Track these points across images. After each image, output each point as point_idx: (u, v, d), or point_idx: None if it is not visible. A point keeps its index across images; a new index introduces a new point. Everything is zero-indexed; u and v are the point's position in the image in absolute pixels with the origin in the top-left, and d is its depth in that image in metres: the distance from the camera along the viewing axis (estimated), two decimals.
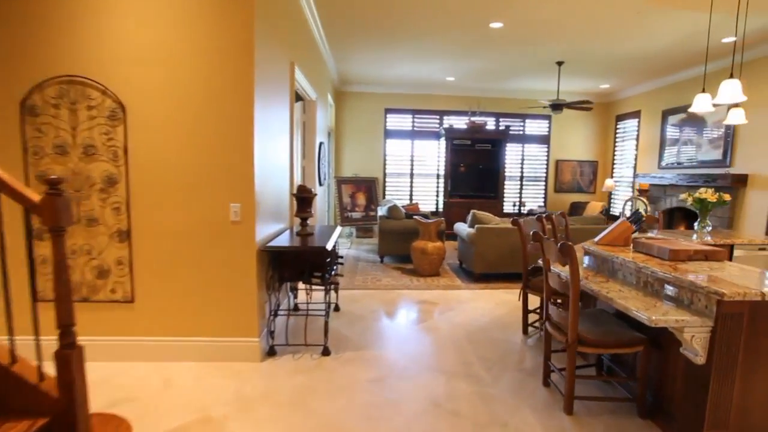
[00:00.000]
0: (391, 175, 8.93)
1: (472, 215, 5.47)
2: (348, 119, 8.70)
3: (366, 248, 7.50)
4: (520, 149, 8.95)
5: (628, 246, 3.08)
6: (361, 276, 5.51)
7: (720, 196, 3.95)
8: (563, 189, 8.96)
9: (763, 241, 3.69)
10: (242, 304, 2.92)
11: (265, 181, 3.10)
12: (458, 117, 8.78)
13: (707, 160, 6.24)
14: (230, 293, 2.90)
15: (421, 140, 8.85)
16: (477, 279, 5.35)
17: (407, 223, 6.16)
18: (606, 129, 8.88)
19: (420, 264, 5.55)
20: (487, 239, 5.22)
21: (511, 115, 8.80)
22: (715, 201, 3.95)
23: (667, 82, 7.07)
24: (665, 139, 7.11)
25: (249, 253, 2.88)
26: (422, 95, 8.70)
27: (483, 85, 8.15)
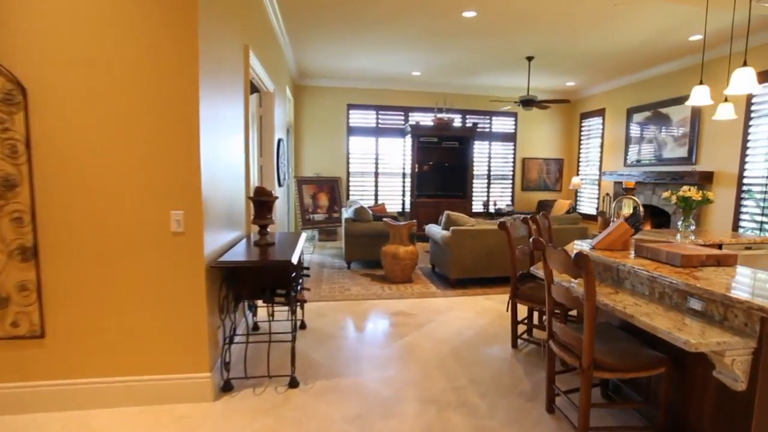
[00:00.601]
0: (354, 174, 8.47)
1: (446, 216, 5.12)
2: (308, 115, 8.17)
3: (331, 252, 7.02)
4: (487, 147, 8.75)
5: (627, 250, 2.80)
6: (327, 285, 5.03)
7: (704, 194, 3.80)
8: (530, 187, 8.84)
9: (750, 240, 3.55)
10: (188, 333, 2.39)
11: (214, 183, 2.58)
12: (424, 114, 8.46)
13: (673, 157, 6.23)
14: (172, 320, 2.36)
15: (386, 137, 8.46)
16: (453, 285, 5.01)
17: (375, 226, 5.74)
18: (571, 127, 8.84)
19: (391, 270, 5.14)
20: (463, 242, 4.88)
21: (478, 113, 8.57)
22: (700, 199, 3.79)
23: (632, 81, 7.05)
24: (630, 137, 7.09)
25: (196, 270, 2.35)
26: (387, 91, 8.31)
27: (450, 80, 7.86)
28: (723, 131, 5.52)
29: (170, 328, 2.37)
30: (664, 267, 2.26)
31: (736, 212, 5.34)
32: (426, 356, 3.13)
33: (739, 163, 5.30)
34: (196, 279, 2.36)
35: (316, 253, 6.96)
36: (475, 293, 4.78)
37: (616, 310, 2.06)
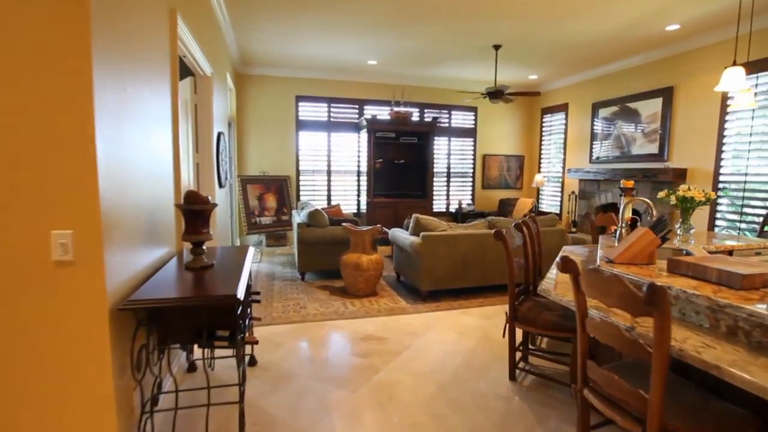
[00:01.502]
0: (305, 172, 7.73)
1: (415, 221, 4.56)
2: (253, 107, 7.31)
3: (280, 260, 6.26)
4: (446, 143, 8.32)
5: (653, 264, 2.37)
6: (279, 302, 4.31)
7: (707, 194, 3.51)
8: (491, 185, 8.53)
9: (760, 245, 3.28)
10: (86, 405, 1.64)
11: (124, 188, 1.83)
12: (380, 107, 7.87)
13: (643, 154, 6.08)
14: (59, 388, 1.61)
15: (340, 132, 7.78)
16: (424, 298, 4.46)
17: (333, 232, 5.07)
18: (531, 122, 8.62)
19: (353, 282, 4.51)
20: (435, 249, 4.35)
21: (437, 106, 8.12)
22: (703, 200, 3.49)
23: (598, 74, 6.87)
24: (596, 133, 6.91)
25: (94, 314, 1.61)
26: (340, 82, 7.63)
27: (408, 71, 7.32)
28: (696, 127, 5.39)
29: (55, 399, 1.61)
30: (722, 290, 1.81)
31: (711, 211, 5.23)
32: (409, 399, 2.54)
33: (714, 160, 5.18)
34: (95, 327, 1.62)
35: (264, 262, 6.18)
36: (450, 307, 4.26)
37: (686, 355, 1.57)
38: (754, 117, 4.82)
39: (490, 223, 4.70)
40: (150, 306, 1.70)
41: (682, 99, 5.57)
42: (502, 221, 4.71)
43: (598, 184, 6.71)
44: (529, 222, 3.27)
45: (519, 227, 3.06)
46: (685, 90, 5.54)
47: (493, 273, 4.60)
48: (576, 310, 1.90)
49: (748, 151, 4.88)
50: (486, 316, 4.01)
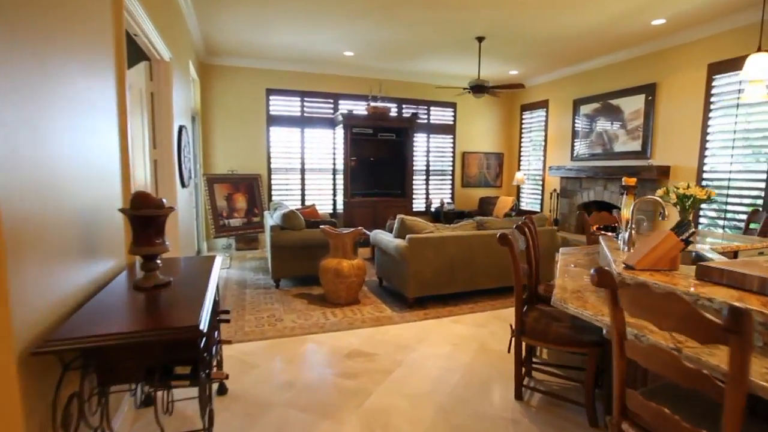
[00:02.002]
0: (277, 171, 7.26)
1: (400, 222, 4.22)
2: (219, 101, 6.79)
3: (252, 265, 5.79)
4: (425, 140, 8.02)
5: (676, 269, 2.11)
6: (252, 314, 3.88)
7: (708, 191, 3.31)
8: (470, 183, 8.29)
9: (764, 245, 3.11)
10: None
11: (39, 192, 1.40)
12: (357, 102, 7.48)
13: (625, 151, 5.94)
14: None
15: (314, 128, 7.35)
16: (411, 305, 4.12)
17: (310, 235, 4.67)
18: (511, 119, 8.43)
19: (334, 290, 4.13)
20: (423, 253, 4.02)
21: (415, 102, 7.80)
22: (704, 197, 3.30)
23: (579, 70, 6.71)
24: (577, 130, 6.76)
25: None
26: (314, 74, 7.19)
27: (386, 64, 6.97)
28: (680, 124, 5.28)
29: None
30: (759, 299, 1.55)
31: (695, 211, 5.11)
32: (407, 429, 2.20)
33: (698, 157, 5.07)
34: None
35: (234, 267, 5.70)
36: (439, 315, 3.94)
37: (755, 386, 1.28)
38: (738, 114, 4.73)
39: (479, 224, 4.41)
40: (79, 346, 1.28)
41: (665, 95, 5.45)
42: (491, 221, 4.43)
43: (580, 182, 6.56)
44: (529, 223, 2.98)
45: (521, 229, 2.76)
46: (668, 86, 5.42)
47: (482, 277, 4.32)
48: (612, 330, 1.59)
49: (732, 148, 4.78)
50: (479, 324, 3.71)
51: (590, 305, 2.08)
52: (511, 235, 2.47)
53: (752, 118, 4.62)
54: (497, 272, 4.37)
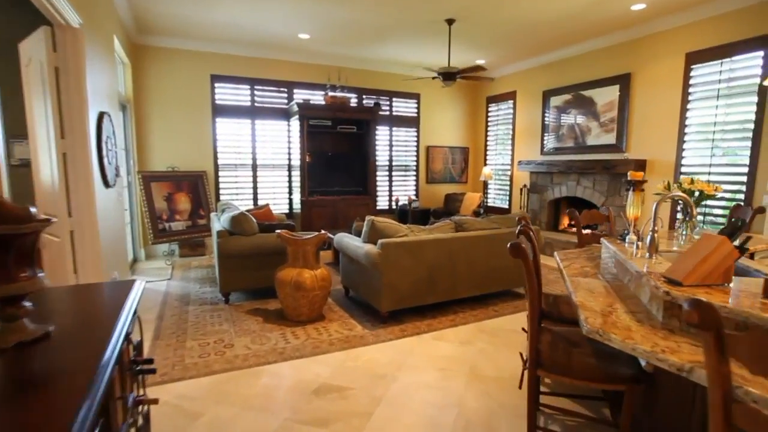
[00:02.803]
0: (225, 167, 6.47)
1: (370, 225, 3.65)
2: (155, 88, 5.90)
3: (198, 275, 5.02)
4: (388, 133, 7.48)
5: (729, 281, 1.70)
6: (195, 340, 3.18)
7: (715, 186, 2.99)
8: (435, 179, 7.85)
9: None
10: None
11: None
12: (314, 91, 6.82)
13: (599, 144, 5.69)
14: None
15: (266, 120, 6.61)
16: (385, 320, 3.58)
17: (265, 241, 4.01)
18: (476, 112, 8.06)
19: (294, 305, 3.51)
20: (398, 260, 3.48)
21: (376, 92, 7.24)
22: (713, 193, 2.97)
23: (548, 60, 6.41)
24: (548, 123, 6.47)
25: None
26: (265, 60, 6.45)
27: (345, 50, 6.35)
28: (656, 116, 5.05)
29: None
30: None
31: (673, 206, 4.91)
32: None
33: (676, 150, 4.86)
34: None
35: (176, 279, 4.90)
36: (417, 330, 3.42)
37: None
38: (718, 106, 4.54)
39: (458, 225, 3.93)
40: None
41: (641, 86, 5.22)
42: (470, 222, 3.96)
43: (551, 177, 6.27)
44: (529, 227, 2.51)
45: (527, 235, 2.28)
46: (643, 77, 5.19)
47: (463, 284, 3.84)
48: (712, 386, 1.12)
49: (712, 141, 4.59)
50: (464, 340, 3.23)
51: (635, 333, 1.62)
52: (524, 243, 1.97)
53: (733, 110, 4.44)
54: (479, 279, 3.92)
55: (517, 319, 3.68)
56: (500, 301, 4.09)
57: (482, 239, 3.88)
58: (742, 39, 4.33)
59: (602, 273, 2.51)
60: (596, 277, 2.45)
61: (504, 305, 4.00)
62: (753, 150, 4.29)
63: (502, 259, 4.00)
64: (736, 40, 4.37)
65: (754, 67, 4.29)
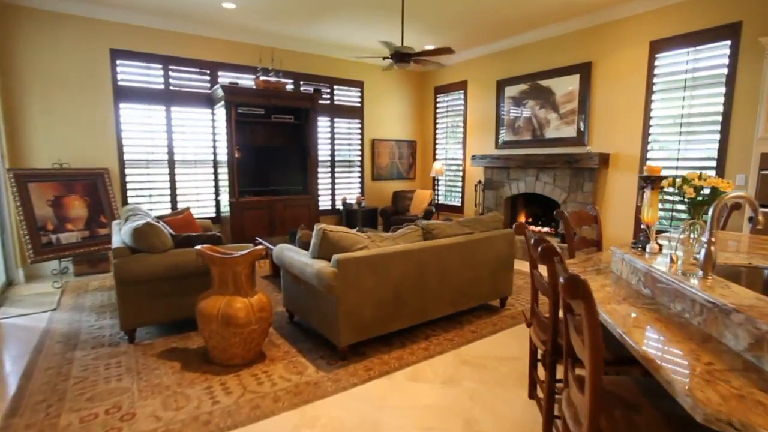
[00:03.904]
0: (134, 163, 5.26)
1: (321, 236, 2.83)
2: (35, 63, 4.57)
3: (96, 301, 3.88)
4: (329, 124, 6.63)
5: None
6: (76, 409, 2.18)
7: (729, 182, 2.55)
8: (382, 176, 7.13)
9: None
10: None
11: None
12: (242, 74, 5.79)
13: (558, 137, 5.29)
14: None
15: (185, 106, 5.48)
16: (345, 356, 2.79)
17: (183, 258, 3.04)
18: (423, 103, 7.44)
19: (223, 346, 2.61)
20: (358, 281, 2.71)
21: (316, 78, 6.35)
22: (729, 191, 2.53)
23: (502, 48, 5.91)
24: (503, 115, 5.99)
25: None
26: (183, 35, 5.32)
27: (280, 27, 5.40)
28: (619, 107, 4.71)
29: None
30: None
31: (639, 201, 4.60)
32: None
33: (641, 143, 4.55)
34: None
35: (65, 307, 3.73)
36: (387, 367, 2.68)
37: None
38: (685, 97, 4.26)
39: (426, 231, 3.24)
40: None
41: (602, 76, 4.86)
42: (439, 228, 3.28)
43: (507, 172, 5.81)
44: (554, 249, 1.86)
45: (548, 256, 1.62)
46: (605, 66, 4.83)
47: (434, 303, 3.16)
48: None
49: (680, 134, 4.32)
50: (446, 379, 2.54)
51: None
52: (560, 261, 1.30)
53: (699, 101, 4.17)
54: (451, 295, 3.26)
55: (500, 341, 3.07)
56: (475, 318, 3.47)
57: (455, 248, 3.22)
58: (708, 27, 4.06)
59: (626, 293, 1.92)
60: (632, 303, 1.85)
61: (481, 323, 3.38)
62: (721, 143, 4.05)
63: (477, 269, 3.38)
64: (703, 28, 4.10)
65: (721, 56, 4.04)
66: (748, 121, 3.87)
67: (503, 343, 3.04)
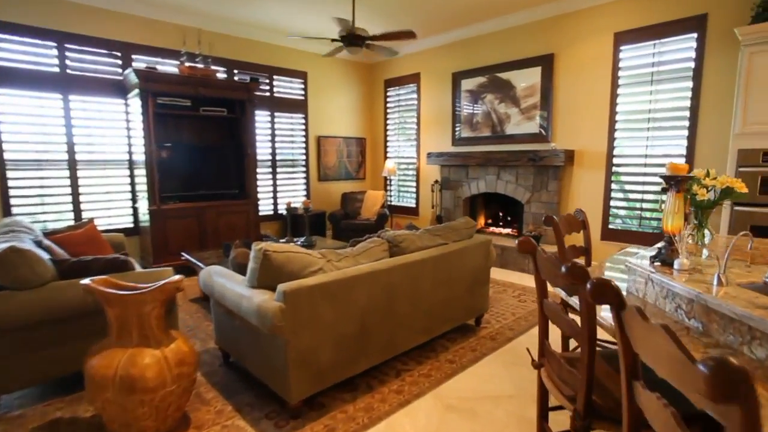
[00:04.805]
0: (20, 164, 4.16)
1: (261, 259, 2.11)
2: None
3: None
4: (269, 119, 5.81)
5: None
6: None
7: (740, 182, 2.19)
8: (329, 176, 6.43)
9: None
10: None
11: None
12: (164, 59, 4.84)
13: (520, 134, 4.91)
14: None
15: (89, 95, 4.45)
16: (297, 413, 2.10)
17: (69, 294, 2.19)
18: (373, 97, 6.82)
19: (125, 420, 1.83)
20: (314, 315, 2.04)
21: (252, 67, 5.51)
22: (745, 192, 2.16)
23: (457, 38, 5.44)
24: (459, 110, 5.52)
25: None
26: (85, 6, 4.29)
27: (209, 5, 4.54)
28: (584, 102, 4.39)
29: None
30: None
31: (606, 201, 4.31)
32: None
33: (607, 139, 4.25)
34: None
35: None
36: (353, 425, 2.03)
37: None
38: (653, 91, 4.00)
39: (393, 244, 2.63)
40: None
41: (565, 69, 4.52)
42: (407, 239, 2.68)
43: (466, 171, 5.35)
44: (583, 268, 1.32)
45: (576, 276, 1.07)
46: (567, 58, 4.50)
47: (404, 332, 2.56)
48: None
49: (648, 129, 4.05)
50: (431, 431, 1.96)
51: None
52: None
53: (667, 96, 3.93)
54: (425, 320, 2.68)
55: (485, 372, 2.54)
56: (450, 343, 2.92)
57: (428, 263, 2.64)
58: (674, 19, 3.82)
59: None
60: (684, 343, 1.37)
61: (457, 349, 2.83)
62: (690, 139, 3.82)
63: (453, 286, 2.83)
64: (668, 20, 3.85)
65: (687, 50, 3.81)
66: (717, 116, 3.66)
67: (490, 374, 2.51)
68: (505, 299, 3.79)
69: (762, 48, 3.13)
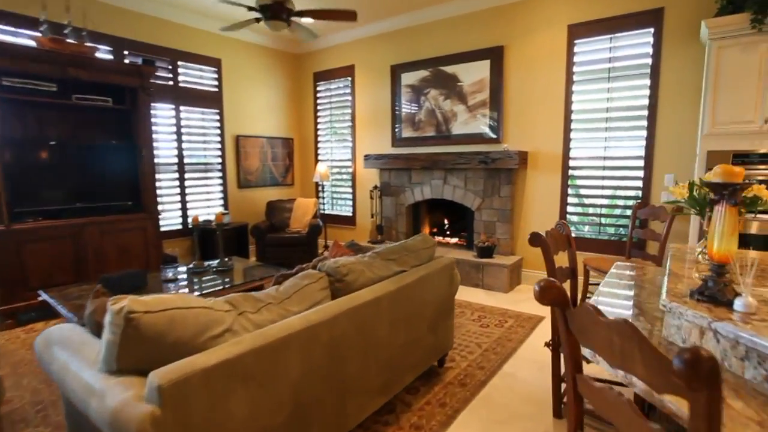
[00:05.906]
0: None
1: (123, 323, 1.25)
2: None
3: None
4: (174, 113, 4.73)
5: None
6: None
7: None
8: (250, 182, 5.46)
9: None
10: None
11: None
12: (17, 28, 3.62)
13: (467, 133, 4.38)
14: None
15: None
16: None
17: None
18: (301, 92, 5.95)
19: None
20: (218, 412, 1.23)
21: (149, 48, 4.41)
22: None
23: (398, 26, 4.79)
24: (400, 107, 4.88)
25: None
26: None
27: None
28: (537, 99, 3.96)
29: None
30: None
31: (562, 207, 3.91)
32: None
33: (562, 140, 3.85)
34: None
35: None
36: None
37: None
38: (610, 89, 3.65)
39: (335, 278, 1.87)
40: None
41: (515, 62, 4.08)
42: (354, 269, 1.94)
43: (409, 175, 4.73)
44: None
45: None
46: (518, 51, 4.05)
47: (357, 398, 1.82)
48: None
49: (606, 130, 3.71)
50: None
51: None
52: None
53: (624, 94, 3.60)
54: (380, 377, 1.96)
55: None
56: (414, 399, 2.23)
57: (384, 302, 1.93)
58: (629, 13, 3.51)
59: None
60: None
61: (425, 408, 2.14)
62: (648, 140, 3.52)
63: (414, 326, 2.15)
64: (624, 13, 3.53)
65: (644, 45, 3.51)
66: (677, 116, 3.39)
67: None
68: (465, 324, 3.20)
69: (732, 42, 2.85)
